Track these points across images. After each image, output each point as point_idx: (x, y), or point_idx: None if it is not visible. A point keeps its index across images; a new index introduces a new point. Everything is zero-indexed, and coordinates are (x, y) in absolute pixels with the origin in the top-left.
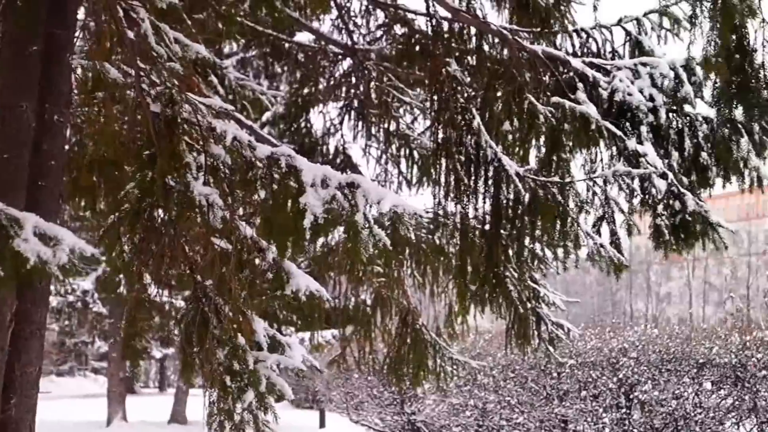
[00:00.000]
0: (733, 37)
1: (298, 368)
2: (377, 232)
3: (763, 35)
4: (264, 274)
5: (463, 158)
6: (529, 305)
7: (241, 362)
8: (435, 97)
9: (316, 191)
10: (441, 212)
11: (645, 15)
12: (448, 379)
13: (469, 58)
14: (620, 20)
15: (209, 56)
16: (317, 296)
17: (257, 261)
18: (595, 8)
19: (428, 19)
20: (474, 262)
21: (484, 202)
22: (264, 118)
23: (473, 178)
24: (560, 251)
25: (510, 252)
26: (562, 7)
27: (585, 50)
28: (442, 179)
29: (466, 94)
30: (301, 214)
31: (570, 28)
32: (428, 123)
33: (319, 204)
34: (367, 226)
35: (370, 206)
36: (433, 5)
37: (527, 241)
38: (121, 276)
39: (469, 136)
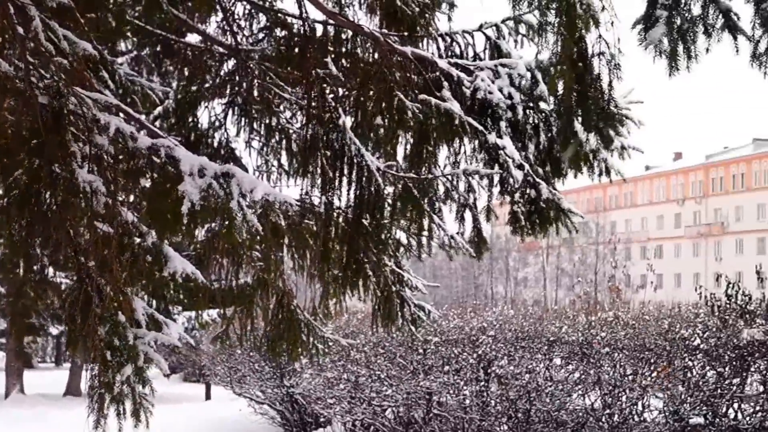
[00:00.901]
0: (575, 48)
1: (174, 344)
2: (250, 218)
3: (599, 48)
4: (144, 256)
5: (329, 153)
6: (393, 288)
7: (121, 338)
8: (307, 96)
9: (193, 180)
10: (309, 202)
11: (503, 22)
12: (320, 354)
13: (344, 60)
14: (481, 26)
15: (96, 53)
16: (193, 278)
17: (140, 244)
18: (449, 18)
19: (302, 22)
20: (337, 248)
21: (348, 194)
22: (156, 112)
23: (338, 171)
24: (421, 239)
25: (373, 240)
26: (426, 15)
27: (449, 53)
28: (311, 171)
29: (337, 93)
30: (179, 201)
31: (435, 33)
32: (305, 119)
33: (196, 192)
34: (240, 212)
35: (244, 194)
36: (306, 10)
37: (390, 229)
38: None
39: (335, 134)
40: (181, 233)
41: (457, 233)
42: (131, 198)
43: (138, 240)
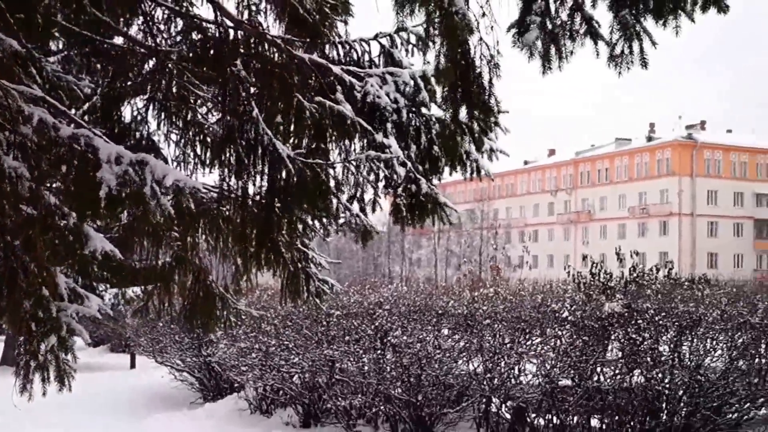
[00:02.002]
0: (459, 50)
1: (95, 316)
2: (163, 202)
3: (480, 50)
4: (65, 236)
5: (244, 143)
6: (300, 265)
7: (45, 311)
8: (222, 92)
9: (110, 167)
10: (226, 188)
11: (396, 32)
12: (233, 325)
13: (253, 61)
14: (377, 35)
15: (24, 50)
16: (112, 255)
17: (62, 225)
18: (346, 22)
19: (216, 26)
20: (252, 229)
21: (262, 180)
22: (85, 108)
23: (252, 159)
24: (324, 221)
25: (283, 221)
26: (327, 23)
27: (348, 59)
28: (227, 161)
29: (249, 91)
30: (98, 186)
31: (336, 40)
32: (219, 114)
33: (113, 178)
34: (154, 197)
35: (158, 181)
36: (221, 16)
37: (297, 212)
38: None
39: (249, 125)
40: (99, 216)
41: (354, 216)
42: (54, 183)
43: (61, 221)
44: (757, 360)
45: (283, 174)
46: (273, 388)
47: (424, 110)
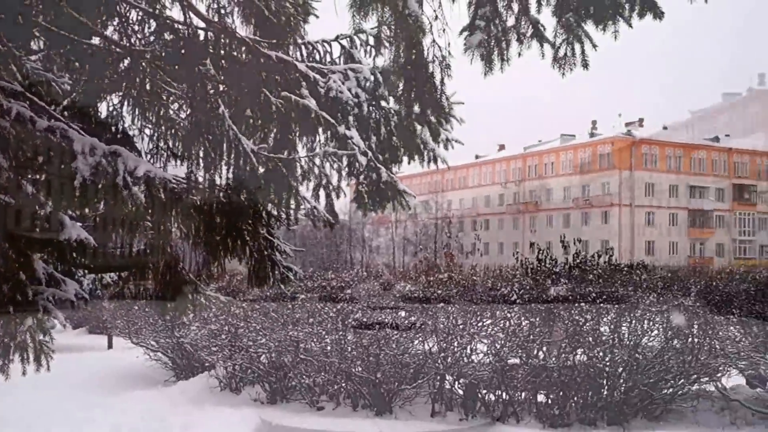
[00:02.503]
0: (413, 51)
1: (71, 299)
2: (135, 191)
3: (433, 52)
4: (42, 224)
5: (210, 137)
6: (265, 253)
7: (22, 294)
8: (191, 89)
9: (85, 158)
10: (194, 180)
11: (355, 33)
12: (203, 310)
13: (222, 60)
14: (337, 37)
15: (3, 48)
16: (86, 243)
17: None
18: (307, 21)
19: (186, 27)
20: (222, 218)
21: (228, 173)
22: (65, 103)
23: (219, 153)
24: (289, 211)
25: (249, 211)
26: (292, 24)
27: (311, 59)
28: (195, 154)
29: (217, 88)
30: (72, 176)
31: (300, 41)
32: (190, 110)
33: (87, 168)
34: (126, 187)
35: (130, 172)
36: (190, 17)
37: (262, 203)
38: None
39: (216, 121)
40: (74, 205)
41: (313, 208)
42: (32, 173)
43: (40, 210)
44: (690, 339)
45: (248, 167)
46: (242, 367)
47: (383, 104)
